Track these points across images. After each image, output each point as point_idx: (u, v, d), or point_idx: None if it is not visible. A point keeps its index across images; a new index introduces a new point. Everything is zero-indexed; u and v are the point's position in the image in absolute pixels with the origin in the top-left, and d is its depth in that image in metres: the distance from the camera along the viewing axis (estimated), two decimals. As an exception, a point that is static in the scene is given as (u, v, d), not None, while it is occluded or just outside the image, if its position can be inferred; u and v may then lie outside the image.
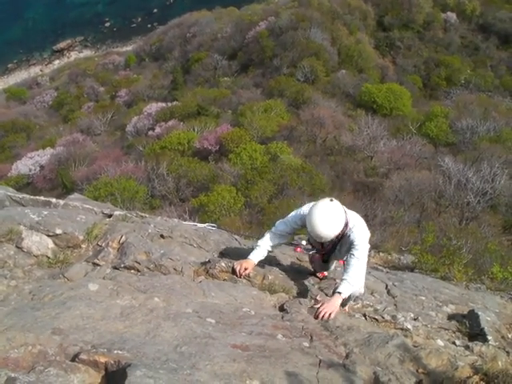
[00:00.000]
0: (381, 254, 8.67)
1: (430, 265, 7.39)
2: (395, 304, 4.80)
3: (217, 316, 3.53)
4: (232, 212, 18.62)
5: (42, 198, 6.21)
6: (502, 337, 4.45)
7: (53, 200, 6.11)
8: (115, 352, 2.75)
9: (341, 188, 21.60)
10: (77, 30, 61.56)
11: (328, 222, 3.91)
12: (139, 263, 4.38)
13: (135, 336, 3.04)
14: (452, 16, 42.35)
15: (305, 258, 5.56)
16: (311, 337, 3.48)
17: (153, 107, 35.34)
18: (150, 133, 31.33)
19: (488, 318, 4.58)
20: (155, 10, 63.79)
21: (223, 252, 4.90)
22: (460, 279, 6.66)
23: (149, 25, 60.70)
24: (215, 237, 5.38)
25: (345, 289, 3.97)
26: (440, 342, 4.17)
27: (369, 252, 4.26)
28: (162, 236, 5.00)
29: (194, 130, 28.81)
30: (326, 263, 4.76)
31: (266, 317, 3.70)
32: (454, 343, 4.21)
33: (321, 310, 3.86)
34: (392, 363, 3.29)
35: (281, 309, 4.02)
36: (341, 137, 26.90)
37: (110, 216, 5.58)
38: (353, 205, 17.06)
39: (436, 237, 9.41)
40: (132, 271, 4.31)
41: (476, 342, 4.15)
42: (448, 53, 39.80)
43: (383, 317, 4.36)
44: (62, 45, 61.28)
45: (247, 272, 4.44)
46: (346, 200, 18.54)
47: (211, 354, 2.93)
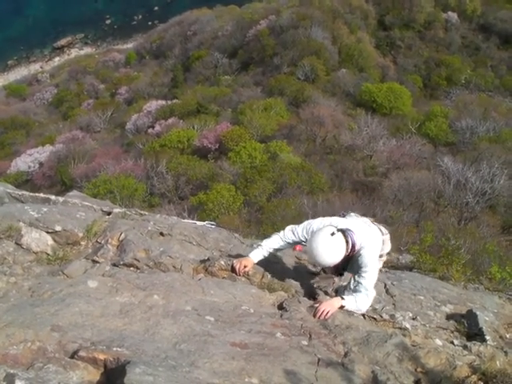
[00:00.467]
0: (380, 254, 8.66)
1: (429, 265, 7.38)
2: (394, 303, 4.80)
3: (216, 314, 3.54)
4: (231, 210, 18.60)
5: (42, 195, 6.21)
6: (500, 337, 4.46)
7: (52, 197, 6.11)
8: (114, 349, 2.75)
9: (340, 187, 21.60)
10: (77, 27, 61.47)
11: (326, 254, 3.87)
12: (138, 260, 4.38)
13: (134, 333, 3.04)
14: (453, 16, 42.30)
15: (304, 257, 5.56)
16: (310, 335, 3.49)
17: (153, 105, 35.31)
18: (150, 130, 31.33)
19: (486, 318, 4.58)
20: (156, 8, 63.76)
21: (222, 250, 4.90)
22: (458, 279, 6.65)
23: (149, 22, 60.65)
24: (214, 235, 5.38)
25: (349, 302, 3.99)
26: (438, 342, 4.17)
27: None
28: (162, 234, 5.00)
29: (194, 128, 28.78)
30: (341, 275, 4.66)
31: (265, 315, 3.70)
32: (453, 343, 4.21)
33: (319, 309, 3.86)
34: (390, 362, 3.29)
35: (280, 307, 4.01)
36: (340, 136, 26.88)
37: (110, 213, 5.58)
38: (352, 204, 17.13)
39: (435, 237, 9.40)
40: (131, 268, 4.31)
41: (474, 342, 4.16)
42: (449, 52, 39.78)
43: (382, 316, 4.36)
44: (63, 42, 61.22)
45: (246, 270, 4.43)
46: (346, 199, 18.61)
47: (210, 352, 2.94)
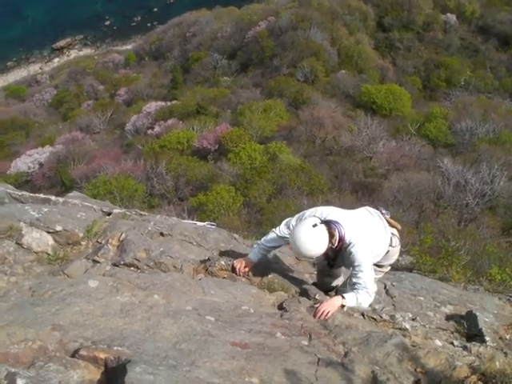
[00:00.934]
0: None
1: (429, 266, 7.40)
2: (393, 304, 4.80)
3: (216, 314, 3.54)
4: (231, 211, 18.62)
5: (42, 196, 6.21)
6: (500, 338, 4.46)
7: (52, 197, 6.11)
8: (115, 348, 2.76)
9: (340, 188, 21.62)
10: (77, 29, 61.56)
11: (306, 246, 3.79)
12: (139, 260, 4.38)
13: (135, 333, 3.05)
14: (452, 17, 42.37)
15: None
16: (310, 335, 3.49)
17: (152, 106, 35.36)
18: (150, 131, 31.36)
19: (486, 319, 4.58)
20: (155, 9, 63.85)
21: (222, 250, 4.90)
22: (458, 280, 6.67)
23: (149, 24, 60.76)
24: (215, 235, 5.39)
25: (350, 299, 3.92)
26: (438, 342, 4.17)
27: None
28: (162, 234, 5.00)
29: (194, 129, 28.82)
30: (332, 268, 4.55)
31: (265, 315, 3.70)
32: (452, 343, 4.22)
33: (320, 309, 3.86)
34: (390, 362, 3.29)
35: (280, 307, 4.01)
36: (340, 137, 26.92)
37: (110, 214, 5.58)
38: (351, 205, 17.12)
39: (435, 238, 9.44)
40: (132, 268, 4.32)
41: (474, 343, 4.16)
42: (448, 54, 39.84)
43: (381, 316, 4.36)
44: (62, 43, 61.30)
45: (246, 270, 4.44)
46: (345, 200, 18.60)
47: (210, 352, 2.94)
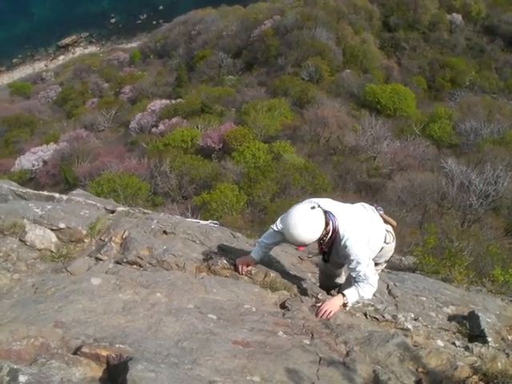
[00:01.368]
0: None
1: (432, 266, 7.39)
2: (396, 304, 4.81)
3: (218, 312, 3.54)
4: (234, 210, 18.62)
5: (45, 193, 6.22)
6: (502, 338, 4.46)
7: (56, 195, 6.11)
8: (117, 346, 2.76)
9: (343, 188, 21.61)
10: (82, 26, 61.67)
11: (301, 228, 3.70)
12: (142, 258, 4.38)
13: (137, 330, 3.05)
14: (457, 17, 42.27)
15: (306, 256, 5.57)
16: (312, 334, 3.49)
17: (157, 104, 35.40)
18: (154, 130, 31.41)
19: (488, 320, 4.58)
20: (161, 7, 63.90)
21: (225, 249, 4.91)
22: (461, 281, 6.66)
23: (154, 22, 60.80)
24: (218, 234, 5.39)
25: (351, 295, 3.90)
26: (440, 343, 4.17)
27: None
28: (165, 232, 5.01)
29: (198, 128, 28.84)
30: (327, 263, 4.52)
31: (267, 314, 3.70)
32: (454, 344, 4.22)
33: (322, 308, 3.86)
34: (392, 362, 3.30)
35: (282, 306, 4.01)
36: (344, 137, 26.89)
37: (113, 212, 5.59)
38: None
39: (438, 238, 9.42)
40: (134, 266, 4.32)
41: (476, 343, 4.15)
42: (453, 54, 39.74)
43: (384, 316, 4.36)
44: (67, 40, 61.41)
45: (248, 270, 4.44)
46: (349, 200, 18.58)
47: (212, 350, 2.94)
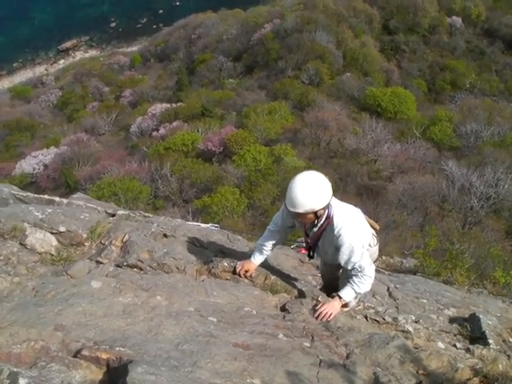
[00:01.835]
0: (383, 258, 8.68)
1: (433, 269, 7.40)
2: (396, 306, 4.80)
3: (218, 315, 3.54)
4: (235, 213, 18.63)
5: (46, 197, 6.22)
6: (503, 340, 4.46)
7: (56, 199, 6.12)
8: (117, 349, 2.76)
9: (344, 191, 21.59)
10: (82, 30, 61.87)
11: (306, 190, 3.58)
12: (142, 262, 4.38)
13: (137, 333, 3.05)
14: (457, 20, 42.34)
15: (307, 259, 5.57)
16: (312, 337, 3.49)
17: (157, 108, 35.45)
18: (154, 133, 31.45)
19: (489, 322, 4.58)
20: (161, 11, 64.07)
21: (226, 252, 4.91)
22: (462, 283, 6.66)
23: (154, 25, 60.98)
24: (218, 237, 5.39)
25: (346, 294, 3.90)
26: (441, 345, 4.17)
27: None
28: (165, 235, 5.00)
29: (198, 132, 28.88)
30: (311, 259, 4.46)
31: (268, 316, 3.70)
32: (455, 346, 4.22)
33: (321, 311, 3.86)
34: (392, 364, 3.29)
35: (282, 309, 4.01)
36: (345, 140, 26.92)
37: (114, 215, 5.59)
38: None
39: (439, 241, 9.42)
40: (135, 269, 4.31)
41: (477, 345, 4.15)
42: (453, 57, 39.81)
43: (384, 319, 4.36)
44: (68, 44, 61.56)
45: (248, 274, 4.43)
46: (350, 203, 18.57)
47: (212, 353, 2.94)
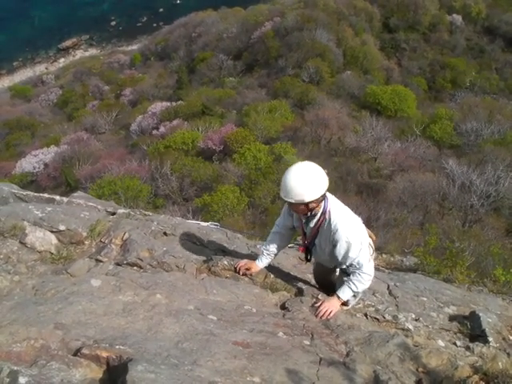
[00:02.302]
0: (383, 256, 8.68)
1: (433, 267, 7.39)
2: (396, 304, 4.79)
3: (218, 313, 3.55)
4: (235, 212, 18.60)
5: (46, 196, 6.22)
6: (503, 338, 4.45)
7: (56, 197, 6.12)
8: (117, 347, 2.77)
9: (344, 189, 21.58)
10: (82, 29, 61.76)
11: (304, 177, 3.65)
12: (142, 260, 4.38)
13: (137, 332, 3.06)
14: (458, 18, 42.29)
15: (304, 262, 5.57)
16: (312, 335, 3.49)
17: (157, 106, 35.39)
18: (155, 132, 31.39)
19: (489, 320, 4.57)
20: (161, 10, 63.95)
21: (225, 250, 4.91)
22: (462, 281, 6.65)
23: (154, 24, 60.87)
24: (218, 235, 5.39)
25: (345, 293, 3.89)
26: (441, 343, 4.17)
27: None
28: (165, 233, 5.01)
29: (199, 130, 28.82)
30: (308, 262, 4.41)
31: (268, 315, 3.71)
32: (455, 344, 4.21)
33: (321, 309, 3.86)
34: (392, 362, 3.30)
35: (282, 307, 4.02)
36: (345, 138, 26.86)
37: (114, 214, 5.60)
38: (356, 207, 17.11)
39: (439, 239, 9.41)
40: (135, 268, 4.32)
41: (477, 343, 4.16)
42: (453, 55, 39.76)
43: (384, 317, 4.36)
44: (68, 43, 61.45)
45: (249, 272, 4.43)
46: (350, 201, 18.58)
47: (212, 351, 2.95)
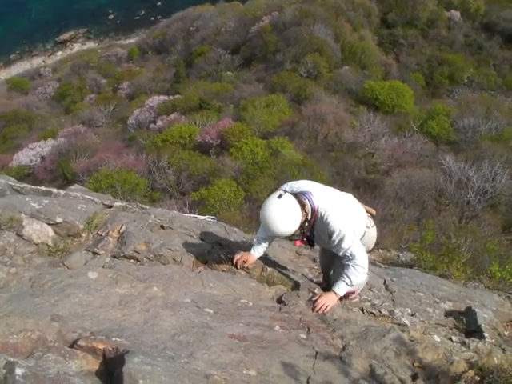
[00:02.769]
0: (380, 251, 8.71)
1: (429, 262, 7.40)
2: (393, 299, 4.80)
3: (215, 306, 3.55)
4: (232, 206, 18.59)
5: (43, 188, 6.21)
6: (499, 334, 4.47)
7: (53, 190, 6.11)
8: (113, 339, 2.77)
9: (341, 184, 21.57)
10: (80, 22, 61.45)
11: (277, 220, 3.57)
12: (139, 253, 4.38)
13: (133, 324, 3.06)
14: (456, 14, 42.22)
15: (304, 252, 5.58)
16: (308, 329, 3.50)
17: (155, 100, 35.30)
18: (152, 126, 31.32)
19: (485, 316, 4.59)
20: (159, 3, 63.68)
21: (223, 243, 4.91)
22: (458, 277, 6.67)
23: (152, 18, 60.61)
24: (215, 228, 5.39)
25: (340, 288, 3.88)
26: (437, 338, 4.18)
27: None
28: (162, 226, 5.01)
29: (196, 124, 28.76)
30: (312, 247, 4.41)
31: (264, 308, 3.71)
32: (451, 339, 4.22)
33: (318, 303, 3.86)
34: (388, 356, 3.31)
35: (279, 301, 4.02)
36: (342, 133, 26.85)
37: (111, 207, 5.59)
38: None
39: (435, 235, 9.41)
40: (131, 260, 4.31)
41: (472, 339, 4.17)
42: (451, 51, 39.68)
43: (380, 311, 4.37)
44: (65, 36, 61.18)
45: (246, 265, 4.43)
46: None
47: (209, 344, 2.95)
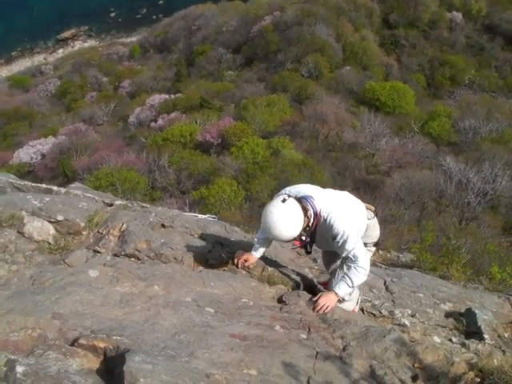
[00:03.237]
0: (380, 252, 8.69)
1: (429, 264, 7.39)
2: (393, 300, 4.81)
3: (216, 305, 3.55)
4: (232, 205, 18.60)
5: (44, 186, 6.22)
6: (499, 336, 4.47)
7: (54, 188, 6.11)
8: (114, 338, 2.77)
9: (342, 184, 21.58)
10: (82, 20, 61.47)
11: (280, 225, 3.53)
12: (140, 251, 4.38)
13: (134, 323, 3.06)
14: (458, 16, 42.24)
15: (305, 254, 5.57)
16: (309, 329, 3.50)
17: (156, 99, 35.32)
18: (153, 124, 31.36)
19: (485, 317, 4.59)
20: (161, 2, 63.76)
21: (223, 242, 4.91)
22: (458, 278, 6.67)
23: (154, 16, 60.58)
24: (216, 228, 5.38)
25: (341, 288, 3.84)
26: (437, 339, 4.19)
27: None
28: (163, 225, 5.00)
29: (197, 123, 28.77)
30: (309, 254, 4.41)
31: (265, 308, 3.71)
32: (451, 340, 4.24)
33: (319, 303, 3.85)
34: (388, 357, 3.31)
35: (279, 300, 4.01)
36: (343, 133, 26.89)
37: (111, 205, 5.59)
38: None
39: (435, 236, 9.41)
40: (132, 259, 4.31)
41: (472, 340, 4.17)
42: (453, 52, 39.69)
43: (381, 312, 4.38)
44: (67, 34, 61.23)
45: (246, 265, 4.42)
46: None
47: (209, 343, 2.95)
